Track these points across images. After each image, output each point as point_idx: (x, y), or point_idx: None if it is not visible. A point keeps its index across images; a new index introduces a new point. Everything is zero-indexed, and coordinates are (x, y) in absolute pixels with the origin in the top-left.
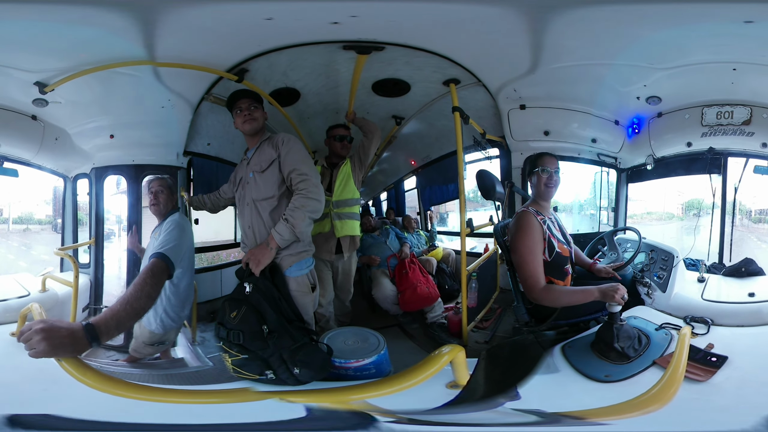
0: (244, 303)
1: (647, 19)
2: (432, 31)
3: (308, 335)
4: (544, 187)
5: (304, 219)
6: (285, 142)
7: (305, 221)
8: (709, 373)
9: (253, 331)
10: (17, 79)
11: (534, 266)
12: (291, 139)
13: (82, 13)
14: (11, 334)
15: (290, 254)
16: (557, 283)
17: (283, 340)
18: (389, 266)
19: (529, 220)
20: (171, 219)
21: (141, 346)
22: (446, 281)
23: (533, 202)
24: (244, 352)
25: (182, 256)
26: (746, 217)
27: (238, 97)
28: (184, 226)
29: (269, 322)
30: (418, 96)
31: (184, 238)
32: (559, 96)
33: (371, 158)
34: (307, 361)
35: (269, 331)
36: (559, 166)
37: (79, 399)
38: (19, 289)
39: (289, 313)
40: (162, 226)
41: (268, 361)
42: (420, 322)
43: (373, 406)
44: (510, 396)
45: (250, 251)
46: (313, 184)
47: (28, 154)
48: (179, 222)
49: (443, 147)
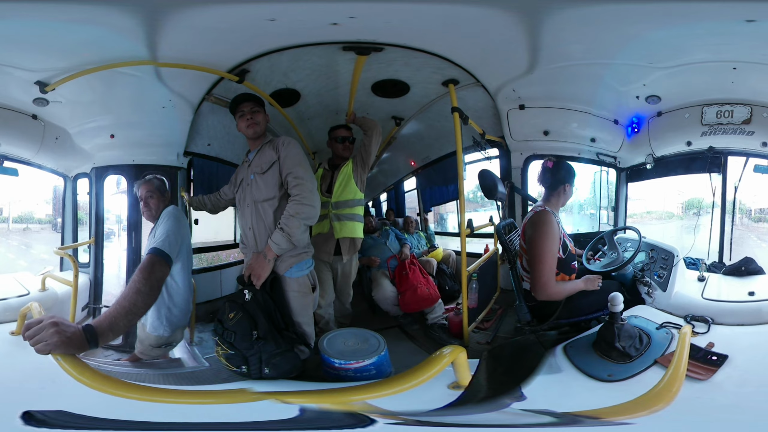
0: (241, 309)
1: (646, 17)
2: (431, 32)
3: (292, 343)
4: (570, 197)
5: (299, 227)
6: (285, 144)
7: (300, 228)
8: (710, 372)
9: (244, 334)
10: (18, 78)
11: (551, 265)
12: (291, 142)
13: (85, 13)
14: (11, 333)
15: (290, 255)
16: (564, 279)
17: (267, 345)
18: (389, 267)
19: (550, 220)
20: (164, 212)
21: (148, 349)
22: (446, 282)
23: (549, 203)
24: (232, 349)
25: (179, 247)
26: (746, 216)
27: (241, 101)
28: (179, 217)
29: (260, 329)
30: (418, 97)
31: (180, 228)
32: (558, 96)
33: (373, 156)
34: (278, 365)
35: (258, 336)
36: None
37: (77, 398)
38: (18, 288)
39: (280, 323)
40: (157, 224)
41: (247, 359)
42: (420, 323)
43: (373, 407)
44: (515, 396)
45: (250, 266)
46: (307, 189)
47: (28, 153)
48: (172, 213)
49: (443, 147)
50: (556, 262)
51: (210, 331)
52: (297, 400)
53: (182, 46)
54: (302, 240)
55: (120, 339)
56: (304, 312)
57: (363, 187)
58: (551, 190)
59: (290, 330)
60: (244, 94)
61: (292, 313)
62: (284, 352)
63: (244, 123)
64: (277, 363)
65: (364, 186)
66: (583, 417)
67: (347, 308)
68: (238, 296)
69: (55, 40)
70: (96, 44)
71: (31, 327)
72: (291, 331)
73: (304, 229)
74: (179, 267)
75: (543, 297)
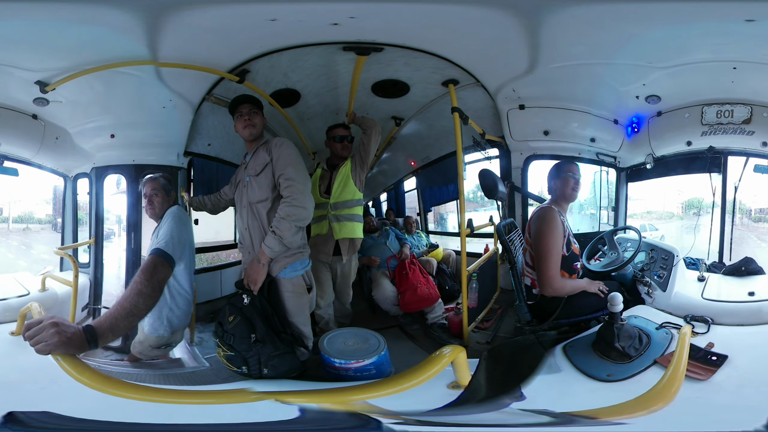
0: (239, 312)
1: (646, 17)
2: (430, 32)
3: (291, 345)
4: (571, 191)
5: (290, 229)
6: (277, 146)
7: (291, 230)
8: (710, 372)
9: (242, 336)
10: (18, 78)
11: (556, 261)
12: (284, 143)
13: (85, 13)
14: (11, 333)
15: (284, 256)
16: (565, 276)
17: (266, 348)
18: (389, 267)
19: (555, 217)
20: (168, 212)
21: (147, 350)
22: (446, 282)
23: (554, 202)
24: (232, 350)
25: (183, 248)
26: (746, 216)
27: (240, 102)
28: (182, 217)
29: (258, 332)
30: (418, 97)
31: (183, 229)
32: (558, 96)
33: (372, 155)
34: (277, 366)
35: (256, 339)
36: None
37: (77, 398)
38: (18, 288)
39: (278, 326)
40: (160, 224)
41: (247, 360)
42: (420, 323)
43: (374, 407)
44: (515, 396)
45: (246, 272)
46: (298, 190)
47: (28, 153)
48: (176, 214)
49: (443, 148)
50: (560, 254)
51: (210, 331)
52: (297, 400)
53: (182, 46)
54: (295, 241)
55: (119, 341)
56: (299, 312)
57: (362, 187)
58: (554, 189)
59: (287, 332)
60: (243, 96)
61: (287, 314)
62: (283, 354)
63: (241, 124)
64: (276, 364)
65: (363, 186)
66: (582, 417)
67: (347, 308)
68: (237, 300)
69: (55, 40)
70: (96, 44)
71: (31, 327)
72: (288, 333)
73: (296, 230)
74: (182, 268)
75: (548, 291)
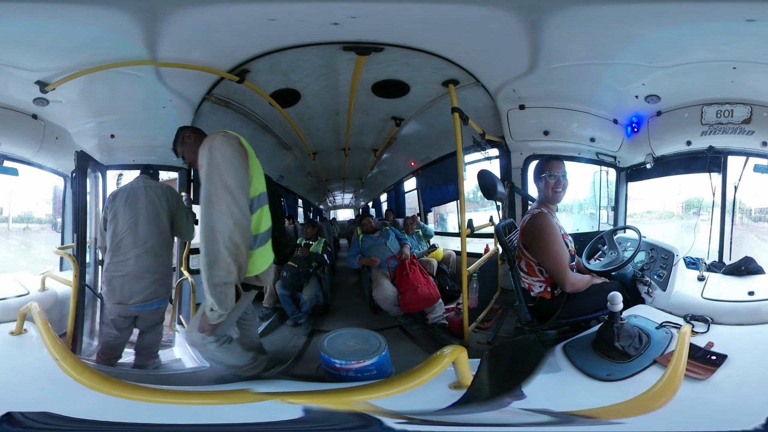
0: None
1: (646, 17)
2: (430, 32)
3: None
4: (552, 192)
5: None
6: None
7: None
8: (709, 372)
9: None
10: (18, 78)
11: (567, 262)
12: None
13: (85, 13)
14: (11, 333)
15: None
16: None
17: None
18: (390, 267)
19: (549, 221)
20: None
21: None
22: (447, 282)
23: (543, 205)
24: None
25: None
26: (746, 216)
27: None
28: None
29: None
30: (418, 97)
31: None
32: (557, 96)
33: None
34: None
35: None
36: (566, 169)
37: (77, 399)
38: (18, 288)
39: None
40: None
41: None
42: (421, 323)
43: (375, 407)
44: (515, 396)
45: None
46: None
47: (28, 153)
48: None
49: (443, 148)
50: (568, 255)
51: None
52: (299, 400)
53: (182, 46)
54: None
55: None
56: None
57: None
58: (538, 191)
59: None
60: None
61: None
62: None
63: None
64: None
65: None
66: (582, 416)
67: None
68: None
69: (55, 40)
70: (96, 44)
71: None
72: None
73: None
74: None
75: (571, 290)
